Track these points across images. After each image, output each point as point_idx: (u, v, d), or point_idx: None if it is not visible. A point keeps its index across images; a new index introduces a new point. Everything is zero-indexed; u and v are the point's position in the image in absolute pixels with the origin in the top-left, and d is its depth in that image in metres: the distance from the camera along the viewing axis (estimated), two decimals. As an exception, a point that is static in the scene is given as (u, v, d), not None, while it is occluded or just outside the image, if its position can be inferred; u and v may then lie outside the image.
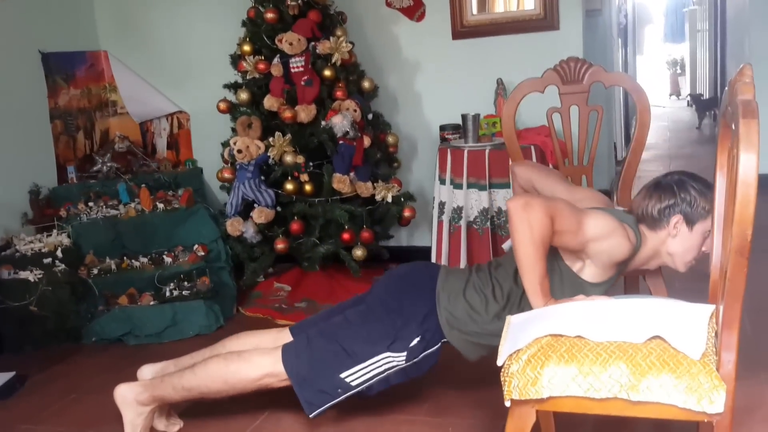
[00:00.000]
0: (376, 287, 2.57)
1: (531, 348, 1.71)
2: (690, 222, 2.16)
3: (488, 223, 3.65)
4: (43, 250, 3.64)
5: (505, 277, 2.36)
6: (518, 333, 1.79)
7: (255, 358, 2.43)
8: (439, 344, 2.45)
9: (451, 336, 2.42)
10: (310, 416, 2.41)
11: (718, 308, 1.70)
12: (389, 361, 2.39)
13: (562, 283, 2.22)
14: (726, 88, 1.73)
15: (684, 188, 2.15)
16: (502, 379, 1.73)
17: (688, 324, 1.68)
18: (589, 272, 2.22)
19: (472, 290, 2.39)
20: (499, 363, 1.76)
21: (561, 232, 2.04)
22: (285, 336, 2.60)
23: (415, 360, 2.42)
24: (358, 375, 2.38)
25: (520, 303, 2.30)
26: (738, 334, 1.56)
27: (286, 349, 2.43)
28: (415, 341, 2.39)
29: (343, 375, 2.38)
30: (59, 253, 3.64)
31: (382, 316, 2.43)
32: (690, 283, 2.69)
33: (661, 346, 1.62)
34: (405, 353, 2.39)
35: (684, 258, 2.22)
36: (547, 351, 1.68)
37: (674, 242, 2.19)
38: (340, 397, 2.40)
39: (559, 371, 1.64)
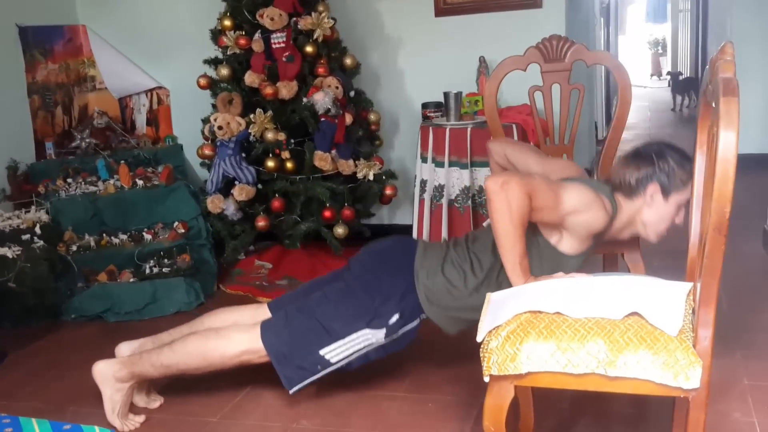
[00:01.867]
0: (353, 263, 2.57)
1: (510, 324, 1.72)
2: (666, 192, 2.16)
3: (469, 202, 3.66)
4: (21, 227, 3.61)
5: (483, 251, 2.37)
6: (498, 309, 1.80)
7: (233, 335, 2.43)
8: (418, 320, 2.46)
9: (430, 312, 2.43)
10: (290, 392, 2.42)
11: (695, 285, 1.71)
12: (368, 337, 2.40)
13: (541, 256, 2.23)
14: (707, 67, 1.74)
15: (663, 158, 2.15)
16: (481, 355, 1.74)
17: (666, 301, 1.69)
18: (566, 244, 2.23)
19: (450, 265, 2.40)
20: (478, 339, 1.77)
21: (539, 208, 2.05)
22: (263, 312, 2.60)
23: (394, 336, 2.43)
24: (337, 351, 2.39)
25: (498, 276, 2.31)
26: (715, 311, 1.58)
27: (265, 326, 2.43)
28: (394, 318, 2.40)
29: (322, 351, 2.39)
30: (38, 230, 3.61)
31: (361, 292, 2.43)
32: (668, 260, 2.71)
33: (639, 322, 1.63)
34: (384, 330, 2.40)
35: (657, 227, 2.22)
36: (526, 327, 1.69)
37: (649, 211, 2.19)
38: (320, 373, 2.41)
39: (538, 347, 1.66)
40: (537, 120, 2.91)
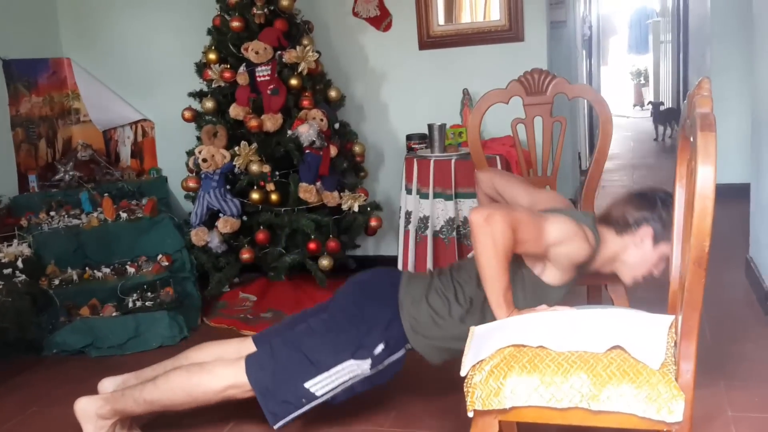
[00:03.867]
0: (338, 295, 2.57)
1: (494, 358, 1.71)
2: (657, 239, 2.18)
3: (454, 233, 3.67)
4: (3, 261, 3.57)
5: (467, 280, 2.37)
6: (481, 343, 1.80)
7: (218, 370, 2.41)
8: (404, 350, 2.45)
9: (415, 341, 2.41)
10: (275, 427, 2.39)
11: (677, 318, 1.72)
12: (354, 369, 2.38)
13: (524, 286, 2.24)
14: (685, 101, 1.76)
15: (666, 207, 2.16)
16: (465, 389, 1.73)
17: (648, 334, 1.70)
18: (550, 275, 2.24)
19: (434, 294, 2.40)
20: (462, 373, 1.77)
21: (523, 240, 2.06)
22: (248, 346, 2.58)
23: (380, 367, 2.42)
24: (322, 384, 2.37)
25: (483, 306, 2.31)
26: (696, 343, 1.59)
27: (250, 360, 2.41)
28: (379, 348, 2.39)
29: (307, 384, 2.37)
30: (20, 264, 3.58)
31: (345, 324, 2.42)
32: (651, 292, 2.72)
33: (622, 356, 1.64)
34: (369, 360, 2.39)
35: (635, 270, 2.24)
36: (509, 361, 1.69)
37: (634, 253, 2.21)
38: (305, 407, 2.39)
39: (522, 381, 1.65)
40: (520, 151, 2.93)
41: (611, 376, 1.60)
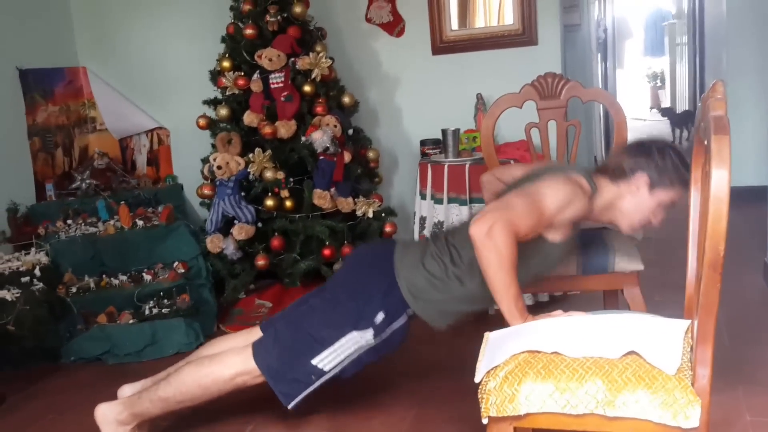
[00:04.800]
0: (337, 273, 2.61)
1: (508, 364, 1.70)
2: (652, 185, 2.18)
3: (469, 238, 3.65)
4: (20, 269, 3.59)
5: (462, 243, 2.36)
6: (495, 349, 1.79)
7: (227, 359, 2.45)
8: (405, 316, 2.45)
9: (416, 306, 2.41)
10: (289, 407, 2.42)
11: (693, 323, 1.70)
12: (357, 340, 2.39)
13: (525, 253, 2.21)
14: (699, 104, 1.75)
15: (662, 154, 2.18)
16: (479, 396, 1.73)
17: (664, 339, 1.68)
18: (551, 234, 2.24)
19: (430, 258, 2.40)
20: (476, 380, 1.76)
21: (528, 232, 2.07)
22: (255, 334, 2.60)
23: (383, 336, 2.42)
24: (329, 359, 2.39)
25: (478, 269, 2.29)
26: (712, 348, 1.57)
27: (256, 345, 2.44)
28: (380, 317, 2.39)
29: (314, 361, 2.39)
30: (37, 272, 3.60)
31: (344, 297, 2.44)
32: (668, 294, 2.70)
33: (637, 361, 1.62)
34: (371, 330, 2.39)
35: (632, 218, 2.24)
36: (524, 367, 1.68)
37: (630, 200, 2.21)
38: (315, 384, 2.41)
39: (537, 388, 1.64)
40: (534, 156, 2.93)
41: (627, 381, 1.59)
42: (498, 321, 2.09)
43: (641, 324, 1.80)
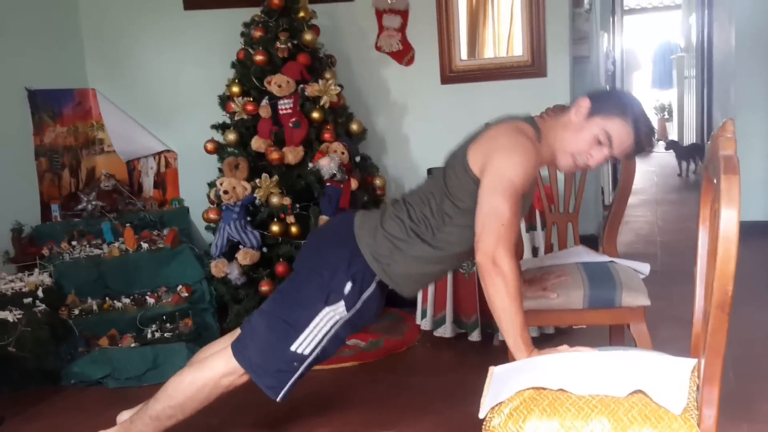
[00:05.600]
0: (300, 252, 2.57)
1: (513, 401, 1.68)
2: (592, 110, 2.16)
3: (474, 267, 3.64)
4: (23, 290, 3.59)
5: (419, 203, 2.34)
6: (500, 385, 1.77)
7: (209, 362, 2.43)
8: (374, 284, 2.38)
9: (380, 271, 2.36)
10: (278, 399, 2.39)
11: (699, 362, 1.68)
12: (331, 315, 2.35)
13: None
14: (709, 142, 1.74)
15: (615, 92, 2.20)
16: (483, 432, 1.70)
17: (670, 378, 1.66)
18: None
19: (388, 219, 2.36)
20: (481, 416, 1.74)
21: (518, 225, 2.12)
22: (236, 335, 2.56)
23: (356, 307, 2.37)
24: (307, 342, 2.35)
25: (443, 224, 2.29)
26: (719, 389, 1.55)
27: (235, 343, 2.42)
28: (347, 287, 2.34)
29: (293, 347, 2.35)
30: (40, 293, 3.59)
31: (310, 274, 2.40)
32: (675, 330, 2.69)
33: (643, 400, 1.60)
34: (342, 302, 2.34)
35: (568, 149, 2.20)
36: (529, 404, 1.66)
37: (568, 128, 2.20)
38: (299, 370, 2.38)
39: (542, 425, 1.62)
40: (542, 187, 2.92)
41: (632, 420, 1.56)
42: (503, 352, 2.07)
43: (648, 362, 1.78)
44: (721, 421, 1.58)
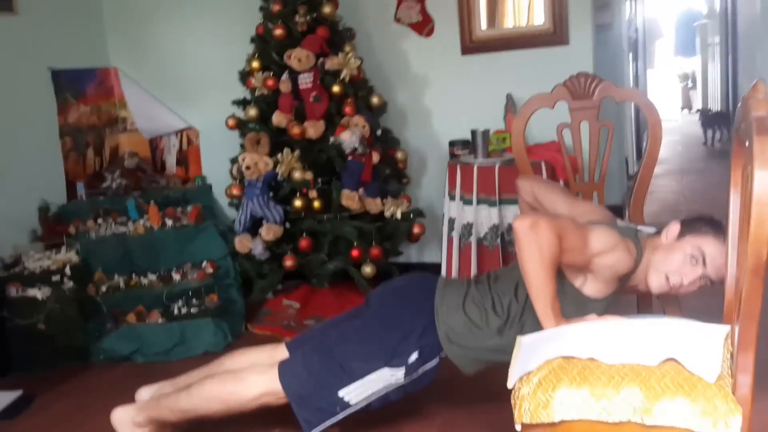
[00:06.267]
0: (372, 300, 2.54)
1: (542, 370, 1.67)
2: (683, 231, 2.15)
3: (498, 240, 3.62)
4: (51, 268, 3.63)
5: (505, 291, 2.33)
6: (529, 354, 1.76)
7: (251, 378, 2.40)
8: (438, 359, 2.41)
9: (450, 350, 2.37)
10: None
11: (733, 329, 1.66)
12: (387, 377, 2.35)
13: (564, 299, 2.18)
14: (739, 105, 1.70)
15: (706, 221, 2.17)
16: (512, 402, 1.70)
17: (703, 346, 1.64)
18: (590, 287, 2.19)
19: (471, 304, 2.35)
20: (509, 385, 1.73)
21: (568, 250, 2.02)
22: (281, 352, 2.57)
23: (414, 376, 2.38)
24: (356, 392, 2.35)
25: (521, 318, 2.27)
26: (754, 356, 1.53)
27: (283, 367, 2.40)
28: (413, 356, 2.35)
29: (341, 393, 2.34)
30: (68, 271, 3.62)
31: (379, 331, 2.39)
32: (704, 299, 2.64)
33: (676, 368, 1.58)
34: (404, 369, 2.35)
35: (660, 270, 2.15)
36: (558, 373, 1.65)
37: (661, 249, 2.17)
38: (339, 415, 2.37)
39: (571, 394, 1.61)
40: (566, 157, 2.89)
41: (665, 389, 1.55)
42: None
43: (679, 330, 1.76)
44: (754, 391, 1.56)
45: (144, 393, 2.65)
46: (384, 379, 2.35)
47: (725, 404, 1.51)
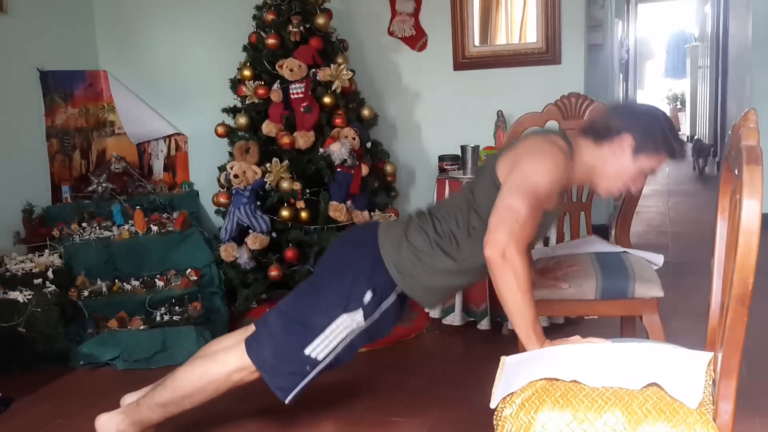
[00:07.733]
0: (322, 256, 2.55)
1: (525, 391, 1.66)
2: (637, 149, 2.11)
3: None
4: (33, 270, 3.60)
5: (445, 216, 2.32)
6: (512, 375, 1.75)
7: (221, 356, 2.42)
8: (395, 295, 2.38)
9: (402, 283, 2.35)
10: (286, 401, 2.38)
11: (716, 356, 1.66)
12: (348, 323, 2.34)
13: None
14: (729, 132, 1.71)
15: (653, 120, 2.12)
16: (494, 422, 1.68)
17: (686, 371, 1.64)
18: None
19: (413, 231, 2.34)
20: (492, 405, 1.72)
21: (534, 229, 2.04)
22: (250, 331, 2.55)
23: (374, 317, 2.36)
24: (321, 347, 2.34)
25: (463, 241, 2.27)
26: (736, 383, 1.52)
27: (249, 340, 2.41)
28: (368, 296, 2.33)
29: (307, 351, 2.34)
30: (50, 274, 3.60)
31: (331, 280, 2.39)
32: (687, 322, 2.66)
33: (658, 393, 1.58)
34: (361, 311, 2.34)
35: (611, 182, 2.18)
36: (541, 395, 1.64)
37: (611, 162, 2.14)
38: (311, 374, 2.37)
39: (554, 416, 1.60)
40: (554, 177, 2.89)
41: (647, 414, 1.54)
42: (512, 341, 2.05)
43: (662, 354, 1.76)
44: (735, 419, 1.56)
45: (128, 398, 2.63)
46: (345, 326, 2.34)
47: (706, 431, 1.51)
